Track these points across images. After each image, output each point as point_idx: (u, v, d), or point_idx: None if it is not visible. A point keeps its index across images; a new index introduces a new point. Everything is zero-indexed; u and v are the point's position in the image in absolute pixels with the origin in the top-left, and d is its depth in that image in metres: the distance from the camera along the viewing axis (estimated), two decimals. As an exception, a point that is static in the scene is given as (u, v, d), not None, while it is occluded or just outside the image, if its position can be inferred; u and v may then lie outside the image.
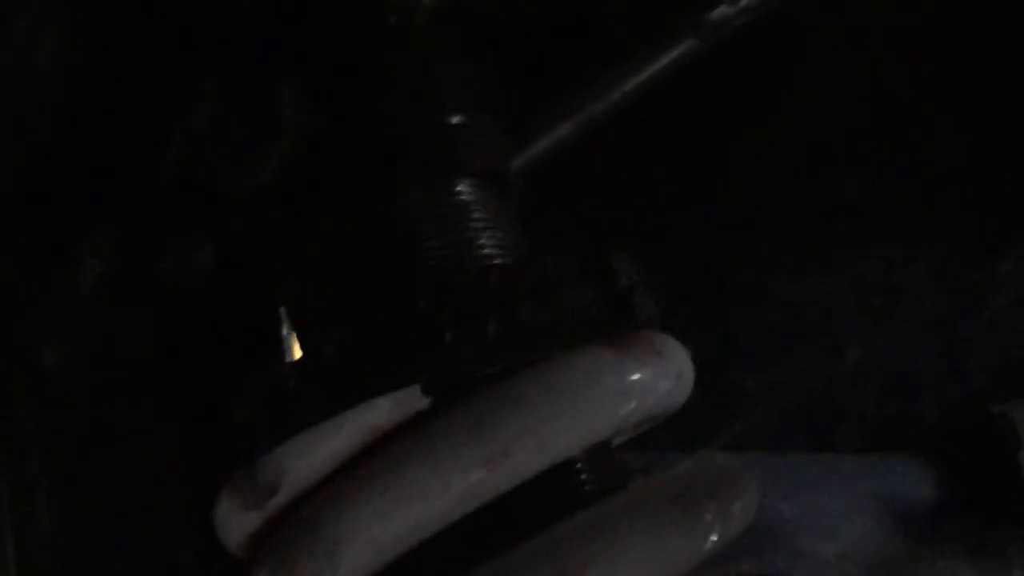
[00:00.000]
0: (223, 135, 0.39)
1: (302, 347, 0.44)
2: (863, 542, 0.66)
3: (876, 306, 0.80)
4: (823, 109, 0.77)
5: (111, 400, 0.57)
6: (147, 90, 0.42)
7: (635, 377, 0.39)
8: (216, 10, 0.41)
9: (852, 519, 0.67)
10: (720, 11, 0.60)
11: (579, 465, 0.39)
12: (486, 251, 0.42)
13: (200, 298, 0.54)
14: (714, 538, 0.37)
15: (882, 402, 0.80)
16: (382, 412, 0.37)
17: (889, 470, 0.69)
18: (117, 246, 0.53)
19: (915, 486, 0.68)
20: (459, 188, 0.43)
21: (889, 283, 0.80)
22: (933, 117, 0.76)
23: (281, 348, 0.49)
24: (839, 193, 0.79)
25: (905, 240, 0.79)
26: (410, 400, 0.37)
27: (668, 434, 0.60)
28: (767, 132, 0.77)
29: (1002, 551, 0.66)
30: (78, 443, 0.57)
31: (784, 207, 0.79)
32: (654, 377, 0.39)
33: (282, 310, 0.51)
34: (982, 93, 0.74)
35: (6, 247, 0.54)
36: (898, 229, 0.79)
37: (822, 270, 0.80)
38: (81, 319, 0.55)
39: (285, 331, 0.52)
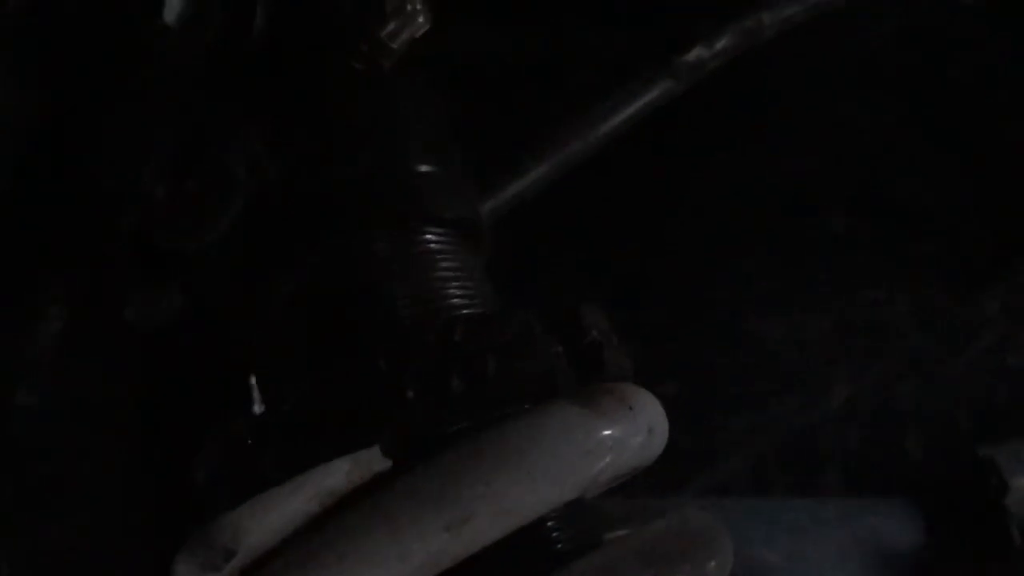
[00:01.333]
0: (173, 196, 0.38)
1: (263, 401, 0.43)
2: (849, 588, 0.65)
3: (859, 346, 0.79)
4: (803, 149, 0.77)
5: (74, 446, 0.56)
6: (99, 144, 0.41)
7: (605, 434, 0.37)
8: (168, 63, 0.40)
9: (838, 565, 0.66)
10: (696, 53, 0.60)
11: (551, 523, 0.38)
12: (453, 302, 0.41)
13: (166, 344, 0.53)
14: (688, 598, 0.36)
15: (866, 443, 0.79)
16: (340, 474, 0.36)
17: (874, 514, 0.68)
18: (80, 294, 0.53)
19: (901, 530, 0.68)
20: (426, 237, 0.42)
21: (872, 323, 0.79)
22: (914, 156, 0.76)
23: (249, 397, 0.48)
24: (821, 233, 0.79)
25: (888, 279, 0.78)
26: (369, 461, 0.36)
27: (649, 478, 0.59)
28: (747, 173, 0.77)
29: (989, 598, 0.65)
30: (40, 487, 0.56)
31: (766, 247, 0.78)
32: (625, 433, 0.38)
33: (252, 379, 0.50)
34: (966, 131, 0.74)
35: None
36: (881, 268, 0.79)
37: (804, 310, 0.80)
38: (46, 366, 0.55)
39: (253, 379, 0.51)
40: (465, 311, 0.40)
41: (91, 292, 0.52)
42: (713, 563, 0.38)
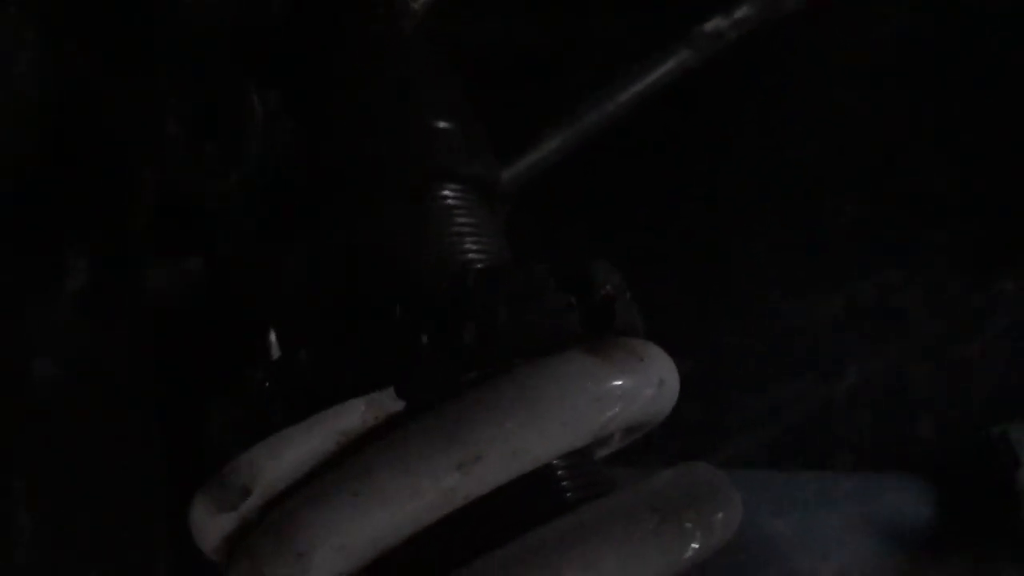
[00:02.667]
0: (194, 141, 0.39)
1: (282, 352, 0.44)
2: (859, 561, 0.65)
3: (873, 328, 0.79)
4: (821, 133, 0.77)
5: (95, 410, 0.57)
6: (121, 104, 0.42)
7: (615, 383, 0.38)
8: (187, 20, 0.41)
9: (848, 538, 0.66)
10: (714, 23, 0.61)
11: (559, 472, 0.39)
12: (468, 256, 0.41)
13: (187, 309, 0.54)
14: (695, 546, 0.37)
15: (878, 424, 0.79)
16: (356, 415, 0.36)
17: (886, 490, 0.68)
18: (102, 258, 0.53)
19: (912, 506, 0.68)
20: (443, 193, 0.43)
21: (887, 305, 0.79)
22: (931, 140, 0.76)
23: (267, 351, 0.49)
24: (837, 216, 0.79)
25: (903, 263, 0.78)
26: (384, 403, 0.37)
27: (663, 453, 0.60)
28: (765, 156, 0.77)
29: (997, 572, 0.65)
30: (61, 451, 0.56)
31: (783, 229, 0.78)
32: (635, 384, 0.39)
33: (271, 332, 0.51)
34: (980, 116, 0.74)
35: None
36: (896, 252, 0.79)
37: (820, 292, 0.80)
38: (67, 330, 0.55)
39: (272, 338, 0.51)
40: (480, 265, 0.41)
41: (113, 257, 0.53)
42: (720, 515, 0.39)
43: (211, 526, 0.38)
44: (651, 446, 0.50)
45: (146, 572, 0.51)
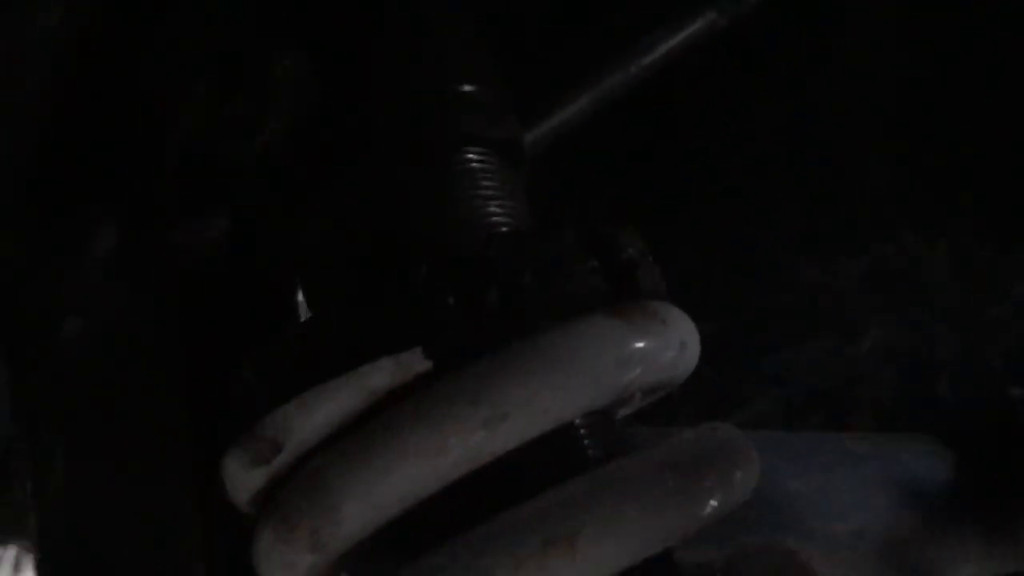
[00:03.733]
0: (219, 103, 0.40)
1: (310, 312, 0.45)
2: (876, 522, 0.66)
3: (896, 290, 0.80)
4: (846, 94, 0.76)
5: (124, 370, 0.58)
6: (147, 64, 0.43)
7: (638, 345, 0.39)
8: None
9: (865, 499, 0.67)
10: (741, -15, 0.60)
11: (582, 431, 0.40)
12: (493, 220, 0.42)
13: (213, 270, 0.55)
14: (713, 504, 0.38)
15: (899, 386, 0.80)
16: (384, 374, 0.37)
17: (903, 451, 0.69)
18: (129, 218, 0.54)
19: (929, 467, 0.68)
20: (468, 156, 0.43)
21: (910, 268, 0.79)
22: (959, 102, 0.75)
23: (295, 317, 0.50)
24: (862, 177, 0.79)
25: (927, 225, 0.78)
26: (412, 363, 0.37)
27: (683, 416, 0.61)
28: (790, 115, 0.77)
29: (1015, 533, 0.66)
30: (92, 407, 0.58)
31: (806, 190, 0.78)
32: (657, 346, 0.39)
33: (298, 292, 0.52)
34: (1008, 79, 0.73)
35: (21, 218, 0.55)
36: (920, 214, 0.79)
37: (842, 254, 0.80)
38: (95, 290, 0.56)
39: (300, 302, 0.52)
40: (505, 228, 0.42)
41: (140, 219, 0.54)
42: (739, 474, 0.40)
43: (244, 480, 0.39)
44: (671, 407, 0.51)
45: (175, 527, 0.53)
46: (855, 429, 0.79)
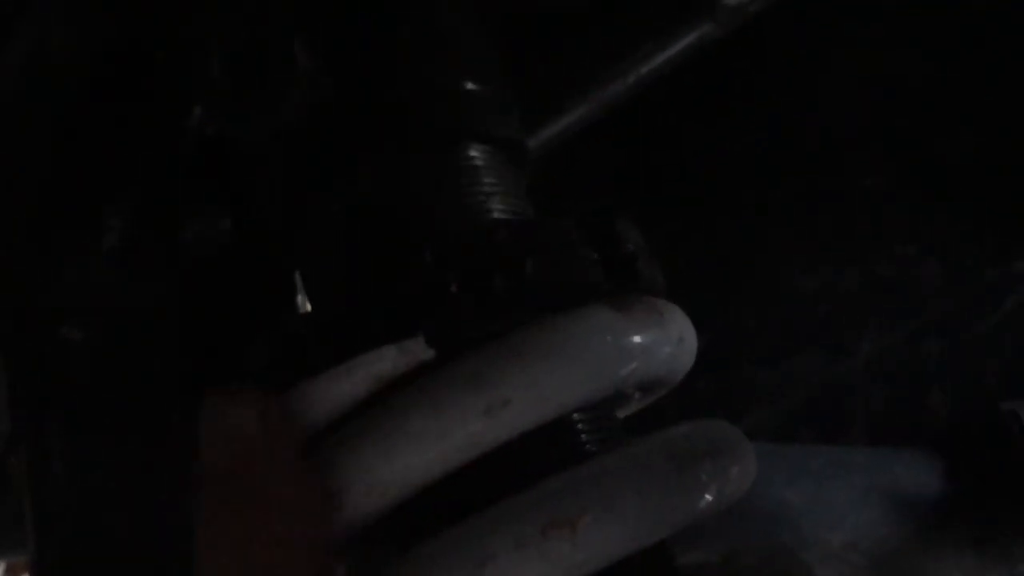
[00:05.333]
0: (237, 83, 0.40)
1: (313, 305, 0.45)
2: (869, 532, 0.66)
3: (888, 303, 0.80)
4: (840, 105, 0.77)
5: (127, 368, 0.58)
6: (162, 49, 0.43)
7: (636, 339, 0.39)
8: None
9: (858, 509, 0.67)
10: (737, -3, 0.61)
11: (579, 425, 0.40)
12: (495, 215, 0.43)
13: (218, 267, 0.55)
14: (709, 498, 0.38)
15: (891, 398, 0.80)
16: (387, 361, 0.38)
17: (897, 463, 0.70)
18: (136, 215, 0.55)
19: (922, 479, 0.69)
20: (471, 152, 0.44)
21: (902, 280, 0.80)
22: (950, 113, 0.76)
23: (296, 309, 0.50)
24: (855, 188, 0.79)
25: (919, 237, 0.79)
26: (415, 350, 0.38)
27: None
28: (783, 124, 0.78)
29: (1007, 546, 0.66)
30: (93, 409, 0.58)
31: (799, 201, 0.79)
32: (656, 339, 0.40)
33: (297, 277, 0.52)
34: (1000, 89, 0.74)
35: (27, 215, 0.55)
36: (912, 225, 0.79)
37: (835, 265, 0.80)
38: (101, 286, 0.57)
39: (300, 299, 0.53)
40: (507, 220, 0.42)
41: (147, 213, 0.54)
42: (736, 468, 0.40)
43: (245, 469, 0.39)
44: (665, 418, 0.51)
45: (175, 531, 0.53)
46: (848, 441, 0.79)
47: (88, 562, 0.56)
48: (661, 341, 0.40)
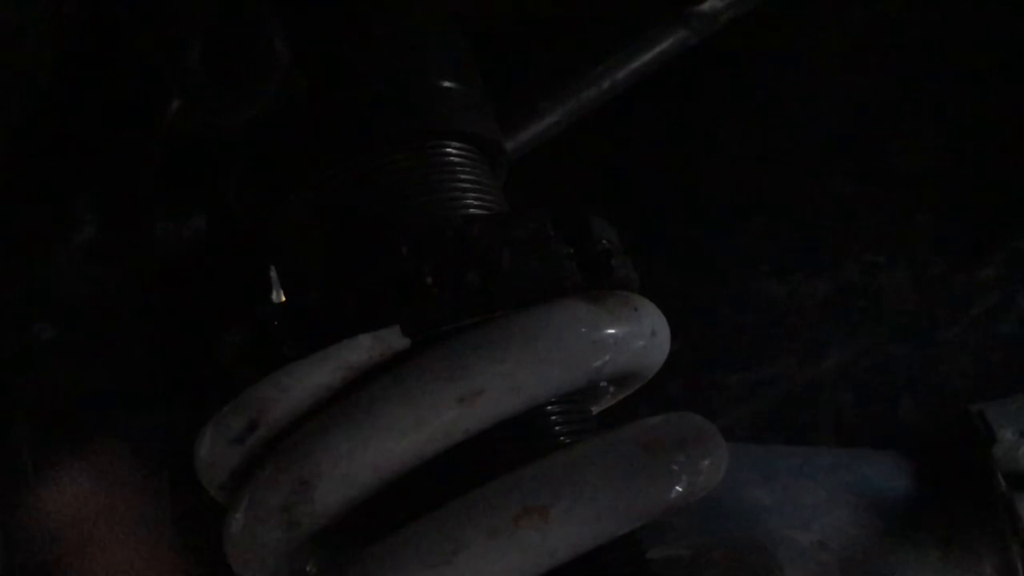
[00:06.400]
0: (215, 70, 0.40)
1: (287, 297, 0.45)
2: (839, 531, 0.67)
3: (857, 309, 0.81)
4: (810, 111, 0.78)
5: (98, 364, 0.57)
6: (138, 41, 0.43)
7: (610, 331, 0.40)
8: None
9: (828, 509, 0.68)
10: (710, 3, 0.62)
11: (553, 416, 0.40)
12: (472, 208, 0.43)
13: (191, 265, 0.55)
14: (679, 489, 0.38)
15: (860, 403, 0.81)
16: (362, 350, 0.38)
17: (865, 464, 0.70)
18: (108, 212, 0.54)
19: (890, 480, 0.70)
20: (447, 149, 0.44)
21: (871, 286, 0.81)
22: (918, 123, 0.77)
23: (268, 290, 0.50)
24: (825, 196, 0.80)
25: (888, 244, 0.80)
26: (390, 340, 0.38)
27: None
28: (755, 134, 0.78)
29: (972, 544, 0.67)
30: (64, 404, 0.57)
31: (770, 209, 0.80)
32: (629, 332, 0.40)
33: (272, 273, 0.52)
34: (967, 99, 0.76)
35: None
36: (882, 234, 0.80)
37: (806, 272, 0.81)
38: (72, 284, 0.56)
39: (275, 295, 0.53)
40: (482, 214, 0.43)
41: (121, 209, 0.54)
42: (707, 461, 0.40)
43: (218, 460, 0.39)
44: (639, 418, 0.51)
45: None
46: (818, 444, 0.80)
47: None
48: (634, 334, 0.41)
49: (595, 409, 0.46)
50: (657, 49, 0.65)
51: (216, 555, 0.41)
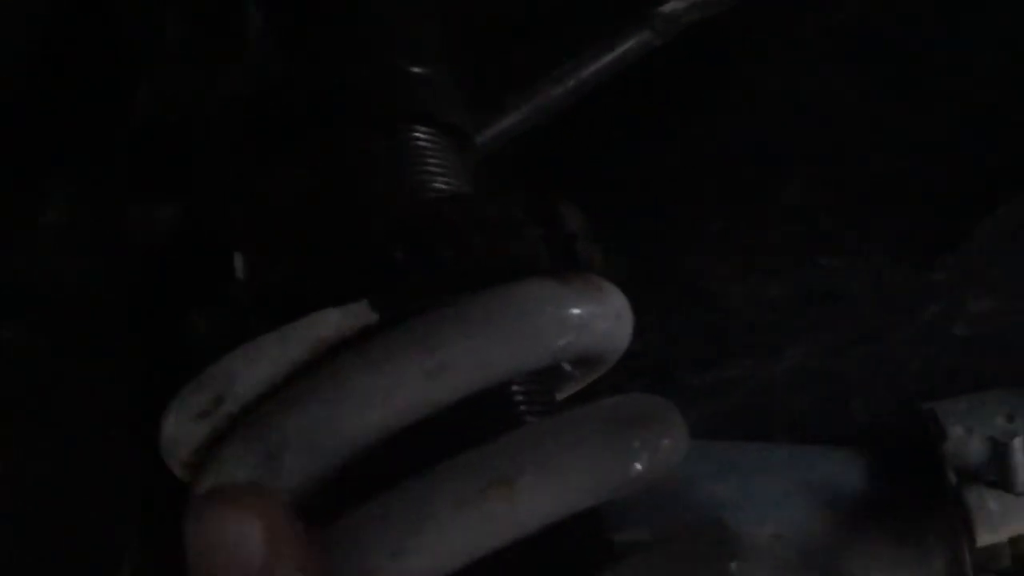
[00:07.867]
0: (189, 50, 0.41)
1: (256, 274, 0.45)
2: (793, 525, 0.68)
3: (813, 311, 0.82)
4: (766, 118, 0.79)
5: (66, 354, 0.57)
6: (115, 22, 0.43)
7: (575, 311, 0.40)
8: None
9: (785, 504, 0.69)
10: (672, 4, 0.63)
11: (518, 396, 0.41)
12: (443, 190, 0.44)
13: (162, 254, 0.55)
14: (639, 467, 0.39)
15: (815, 404, 0.82)
16: (331, 324, 0.38)
17: (820, 459, 0.72)
18: (78, 198, 0.54)
19: (845, 476, 0.71)
20: (415, 135, 0.45)
21: (827, 290, 0.82)
22: (875, 126, 0.79)
23: (232, 270, 0.50)
24: (782, 202, 0.82)
25: (844, 249, 0.82)
26: (358, 314, 0.38)
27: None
28: (711, 141, 0.80)
29: (922, 540, 0.68)
30: (32, 392, 0.57)
31: (727, 211, 0.81)
32: (594, 312, 0.41)
33: (236, 262, 0.52)
34: (925, 104, 0.77)
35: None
36: (838, 238, 0.82)
37: (763, 276, 0.83)
38: (44, 264, 0.56)
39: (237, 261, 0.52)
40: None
41: (93, 191, 0.54)
42: (667, 441, 0.41)
43: (184, 436, 0.39)
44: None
45: (115, 523, 0.52)
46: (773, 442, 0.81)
47: (27, 560, 0.55)
48: (599, 315, 0.41)
49: (561, 393, 0.47)
50: (618, 51, 0.65)
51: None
